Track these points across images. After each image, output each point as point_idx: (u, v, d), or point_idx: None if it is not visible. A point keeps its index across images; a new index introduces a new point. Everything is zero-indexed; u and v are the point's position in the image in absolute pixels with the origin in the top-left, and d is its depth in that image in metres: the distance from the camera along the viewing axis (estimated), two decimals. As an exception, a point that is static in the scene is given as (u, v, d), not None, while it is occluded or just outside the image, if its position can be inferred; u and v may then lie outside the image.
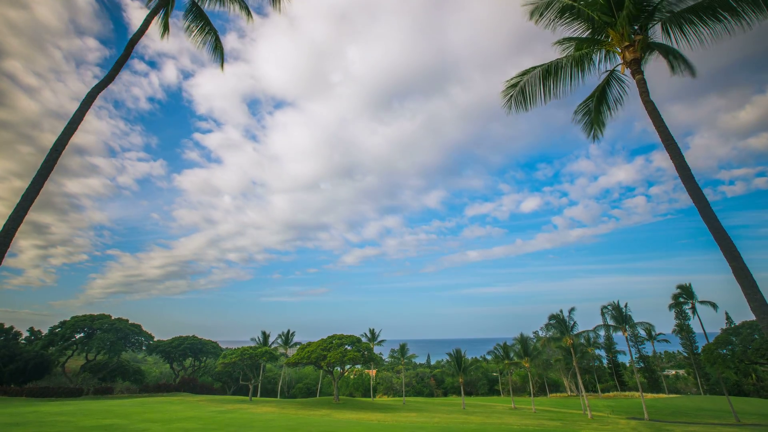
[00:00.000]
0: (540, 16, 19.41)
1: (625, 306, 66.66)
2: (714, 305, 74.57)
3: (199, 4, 22.94)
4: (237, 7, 23.51)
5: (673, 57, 19.08)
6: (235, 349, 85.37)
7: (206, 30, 23.38)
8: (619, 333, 68.14)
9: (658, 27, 17.69)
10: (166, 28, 23.65)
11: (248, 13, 23.70)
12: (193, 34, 23.35)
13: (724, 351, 62.26)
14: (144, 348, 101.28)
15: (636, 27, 17.75)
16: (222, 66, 24.60)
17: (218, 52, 24.14)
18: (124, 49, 18.14)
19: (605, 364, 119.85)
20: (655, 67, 19.60)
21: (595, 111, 20.88)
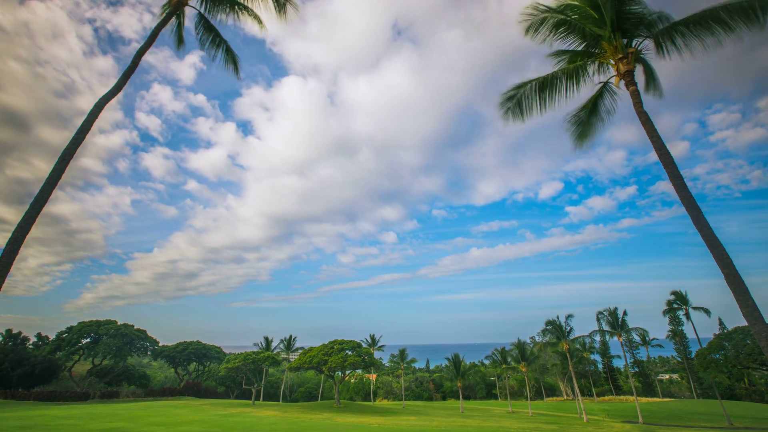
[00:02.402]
0: (535, 32, 19.42)
1: (624, 313, 66.55)
2: (707, 311, 74.40)
3: (208, 17, 22.84)
4: (248, 17, 23.30)
5: (651, 76, 19.34)
6: (238, 353, 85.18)
7: (217, 42, 23.21)
8: (615, 338, 68.04)
9: (651, 40, 17.77)
10: (180, 40, 23.48)
11: (260, 22, 23.46)
12: (205, 45, 23.24)
13: (717, 356, 61.99)
14: (149, 353, 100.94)
15: (629, 40, 17.84)
16: (238, 75, 24.34)
17: (231, 62, 23.87)
18: (131, 61, 18.17)
19: (600, 369, 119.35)
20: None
21: (586, 121, 20.89)
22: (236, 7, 22.65)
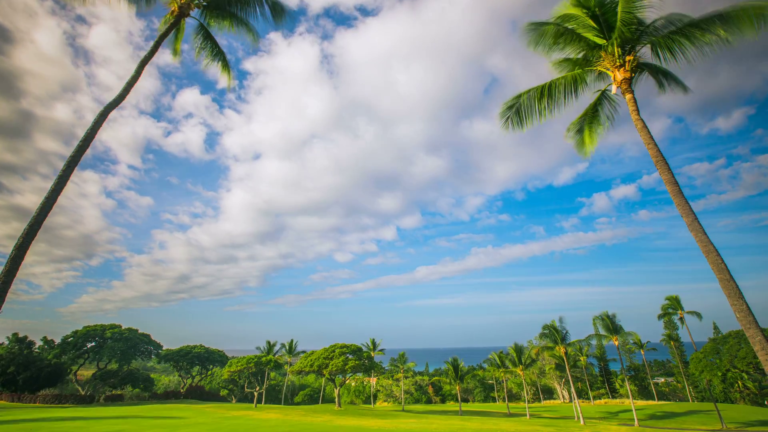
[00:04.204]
0: (536, 44, 19.48)
1: (614, 316, 66.39)
2: (699, 315, 74.36)
3: (208, 28, 23.00)
4: (244, 29, 23.41)
5: (663, 76, 19.20)
6: (241, 357, 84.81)
7: (214, 52, 23.45)
8: (611, 342, 67.79)
9: (648, 47, 17.77)
10: (176, 51, 23.77)
11: (255, 37, 23.61)
12: (201, 55, 23.42)
13: (712, 359, 61.82)
14: (153, 356, 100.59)
15: (627, 48, 17.83)
16: (229, 86, 24.59)
17: (226, 73, 24.16)
18: (134, 70, 18.18)
19: (597, 372, 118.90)
20: (647, 84, 19.57)
21: (587, 129, 20.89)
22: (236, 20, 22.77)
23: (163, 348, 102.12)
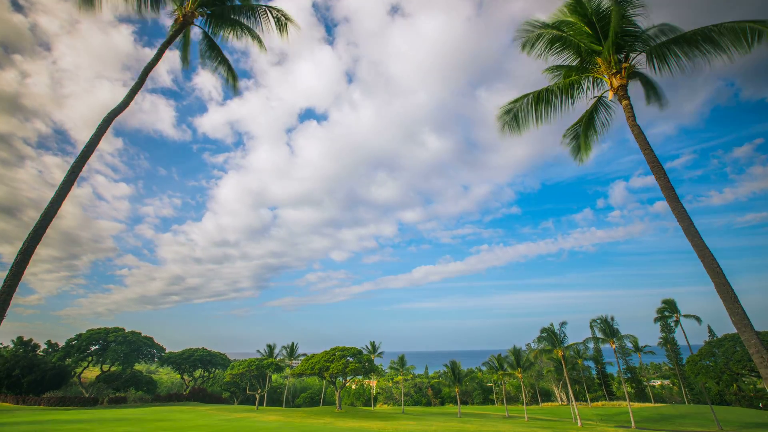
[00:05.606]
0: (531, 47, 19.50)
1: (612, 319, 66.28)
2: (698, 319, 74.18)
3: (212, 36, 23.03)
4: (249, 38, 23.37)
5: (650, 87, 19.25)
6: (243, 360, 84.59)
7: (219, 60, 23.45)
8: (608, 345, 67.68)
9: (643, 55, 17.78)
10: (185, 59, 23.80)
11: (260, 44, 23.58)
12: (207, 62, 23.45)
13: (708, 362, 61.62)
14: (156, 359, 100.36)
15: (622, 55, 17.85)
16: (235, 91, 24.56)
17: (231, 81, 24.10)
18: (138, 77, 18.18)
19: (594, 375, 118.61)
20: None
21: (582, 135, 20.85)
22: (239, 27, 22.77)
23: (166, 351, 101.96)
